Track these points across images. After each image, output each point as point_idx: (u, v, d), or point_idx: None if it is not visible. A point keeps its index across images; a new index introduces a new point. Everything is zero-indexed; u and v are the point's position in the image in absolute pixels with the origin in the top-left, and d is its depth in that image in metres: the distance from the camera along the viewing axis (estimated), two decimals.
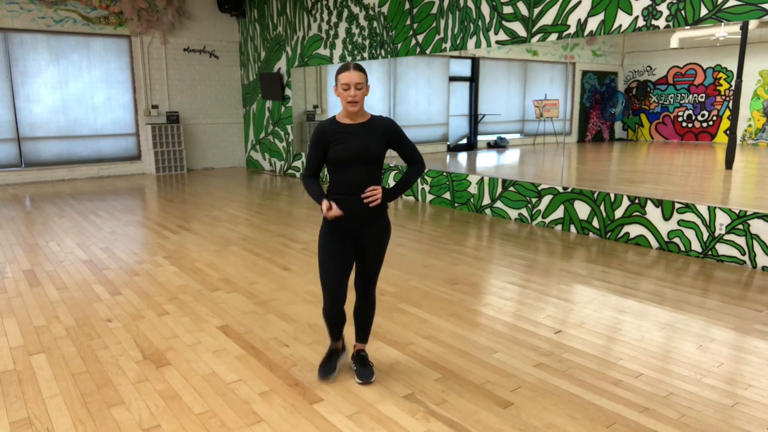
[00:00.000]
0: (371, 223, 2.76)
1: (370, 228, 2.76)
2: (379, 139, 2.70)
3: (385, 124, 2.75)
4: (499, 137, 8.73)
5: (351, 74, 2.60)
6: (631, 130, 7.19)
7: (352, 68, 2.61)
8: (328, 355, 3.00)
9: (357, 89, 2.61)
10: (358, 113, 2.69)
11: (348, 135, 2.67)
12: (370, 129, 2.71)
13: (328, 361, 2.98)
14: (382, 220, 2.79)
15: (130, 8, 10.43)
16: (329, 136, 2.67)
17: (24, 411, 2.67)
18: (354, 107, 2.63)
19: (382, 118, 2.77)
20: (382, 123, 2.75)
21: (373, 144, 2.67)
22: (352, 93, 2.60)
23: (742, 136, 5.78)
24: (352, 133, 2.68)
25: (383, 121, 2.76)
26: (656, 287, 4.39)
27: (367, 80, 2.66)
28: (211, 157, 12.09)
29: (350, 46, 9.02)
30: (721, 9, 4.82)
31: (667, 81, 6.66)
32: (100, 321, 3.76)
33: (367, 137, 2.68)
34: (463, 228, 6.46)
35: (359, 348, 3.01)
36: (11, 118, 9.83)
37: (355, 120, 2.71)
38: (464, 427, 2.52)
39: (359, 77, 2.62)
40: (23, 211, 7.52)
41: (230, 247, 5.62)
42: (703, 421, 2.58)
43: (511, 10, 6.52)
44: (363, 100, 2.66)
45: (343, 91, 2.62)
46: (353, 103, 2.62)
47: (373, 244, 2.78)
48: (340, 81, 2.62)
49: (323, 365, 2.96)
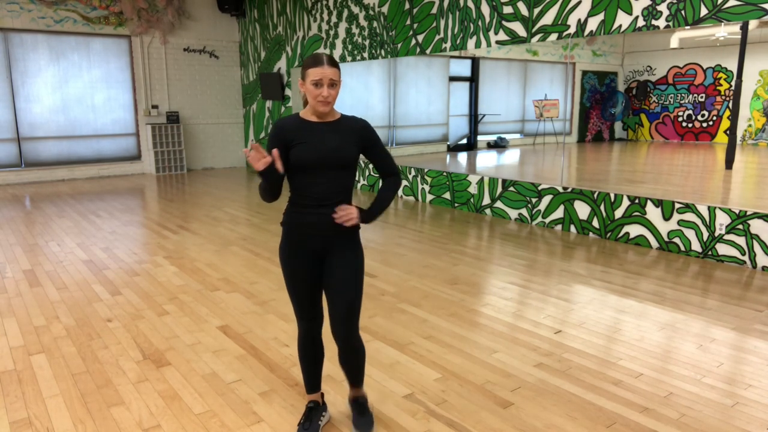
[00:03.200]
0: (340, 243, 2.29)
1: (339, 249, 2.29)
2: (351, 140, 2.26)
3: (359, 124, 2.31)
4: (499, 137, 8.73)
5: (324, 70, 2.14)
6: (631, 130, 7.19)
7: (325, 62, 2.15)
8: (307, 414, 2.47)
9: (330, 87, 2.17)
10: (328, 112, 2.25)
11: (313, 134, 2.22)
12: (341, 129, 2.26)
13: (308, 420, 2.45)
14: (353, 239, 2.32)
15: (130, 8, 10.43)
16: (291, 133, 2.21)
17: (24, 411, 2.67)
18: (326, 108, 2.20)
19: (355, 118, 2.34)
20: (355, 123, 2.31)
21: (344, 146, 2.23)
22: (324, 93, 2.16)
23: (742, 136, 5.78)
24: (318, 133, 2.22)
25: (357, 122, 2.32)
26: (656, 287, 4.39)
27: (340, 75, 2.21)
28: (211, 157, 12.09)
29: (350, 46, 9.02)
30: (721, 9, 4.82)
31: (667, 81, 6.66)
32: (100, 321, 3.76)
33: (336, 138, 2.23)
34: (463, 228, 6.46)
35: (356, 394, 2.54)
36: (11, 118, 9.83)
37: (323, 118, 2.26)
38: (464, 427, 2.52)
39: (333, 73, 2.16)
40: (23, 211, 7.52)
41: (230, 247, 5.62)
42: (703, 421, 2.58)
43: (511, 10, 6.52)
44: (335, 100, 2.22)
45: (313, 88, 2.16)
46: (325, 104, 2.18)
47: (344, 270, 2.28)
48: (310, 76, 2.16)
49: (303, 428, 2.43)
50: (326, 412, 2.56)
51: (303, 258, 2.29)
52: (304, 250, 2.29)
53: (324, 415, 2.53)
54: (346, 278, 2.29)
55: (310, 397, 2.53)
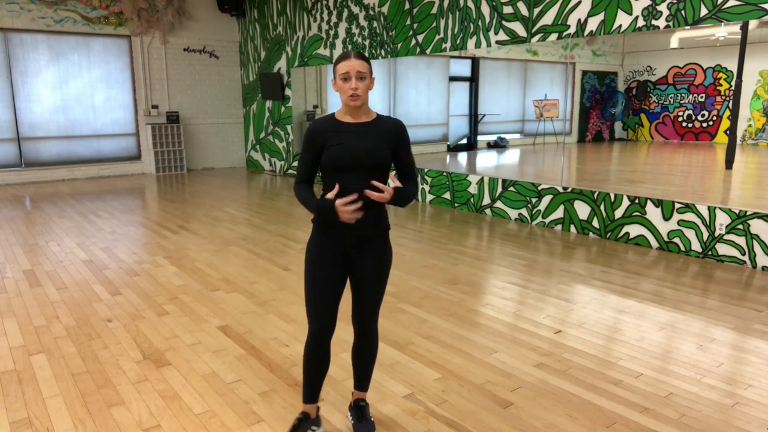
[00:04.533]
0: (370, 244, 2.29)
1: (369, 250, 2.29)
2: (385, 142, 2.24)
3: (393, 125, 2.29)
4: (499, 137, 8.73)
5: (352, 62, 2.14)
6: (631, 130, 7.19)
7: (353, 56, 2.17)
8: (296, 425, 2.38)
9: (359, 80, 2.16)
10: (362, 110, 2.23)
11: (348, 136, 2.21)
12: (376, 130, 2.25)
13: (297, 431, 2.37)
14: (383, 240, 2.33)
15: (130, 8, 10.43)
16: (325, 135, 2.22)
17: (24, 411, 2.67)
18: (356, 101, 2.17)
19: (391, 119, 2.30)
20: (390, 124, 2.28)
21: (378, 147, 2.22)
22: (353, 84, 2.14)
23: (742, 136, 5.78)
24: (353, 134, 2.21)
25: (392, 122, 2.29)
26: (656, 287, 4.39)
27: (371, 71, 2.21)
28: (211, 157, 12.09)
29: (350, 46, 9.02)
30: (721, 9, 4.82)
31: (667, 81, 6.66)
32: (100, 321, 3.76)
33: (371, 139, 2.22)
34: (463, 228, 6.46)
35: (358, 396, 2.53)
36: (11, 118, 9.83)
37: (358, 119, 2.24)
38: (464, 427, 2.52)
39: (361, 65, 2.15)
40: (23, 211, 7.52)
41: (230, 247, 5.62)
42: (703, 421, 2.58)
43: (511, 10, 6.52)
44: (367, 95, 2.20)
45: (343, 83, 2.16)
46: (355, 97, 2.16)
47: (371, 270, 2.30)
48: (339, 71, 2.16)
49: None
50: (319, 428, 2.43)
51: (330, 257, 2.28)
52: (332, 250, 2.27)
53: (314, 430, 2.41)
54: (376, 273, 2.32)
55: (304, 407, 2.42)
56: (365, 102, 2.23)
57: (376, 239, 2.31)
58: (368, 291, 2.33)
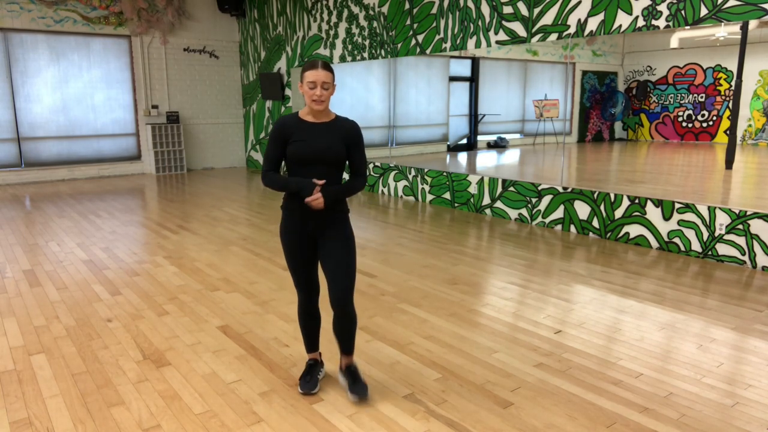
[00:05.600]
0: (330, 228, 2.65)
1: (330, 232, 2.65)
2: (340, 140, 2.60)
3: (348, 125, 2.66)
4: (499, 137, 8.73)
5: (318, 72, 2.50)
6: (631, 130, 7.19)
7: (320, 66, 2.52)
8: (308, 369, 2.89)
9: (323, 89, 2.52)
10: (323, 112, 2.60)
11: (309, 133, 2.57)
12: (334, 129, 2.61)
13: (308, 374, 2.86)
14: (341, 224, 2.68)
15: (130, 8, 10.43)
16: (290, 131, 2.58)
17: (24, 411, 2.67)
18: (319, 106, 2.54)
19: (347, 120, 2.68)
20: (345, 124, 2.65)
21: (335, 144, 2.58)
22: (318, 92, 2.51)
23: (742, 136, 5.78)
24: (314, 132, 2.58)
25: (348, 123, 2.67)
26: (656, 287, 4.39)
27: (334, 79, 2.57)
28: (211, 157, 12.09)
29: (350, 46, 9.02)
30: (721, 9, 4.82)
31: (667, 81, 6.66)
32: (100, 321, 3.76)
33: (329, 137, 2.58)
34: (463, 228, 6.46)
35: (347, 362, 2.84)
36: (11, 118, 9.84)
37: (319, 119, 2.61)
38: (464, 427, 2.52)
39: (327, 76, 2.52)
40: (23, 211, 7.52)
41: (230, 247, 5.62)
42: (703, 421, 2.58)
43: (511, 10, 6.52)
44: (329, 100, 2.57)
45: (309, 89, 2.52)
46: (319, 102, 2.53)
47: (335, 251, 2.63)
48: (307, 78, 2.51)
49: (304, 381, 2.83)
50: (323, 369, 2.96)
51: (299, 237, 2.66)
52: (300, 231, 2.66)
53: (321, 371, 2.93)
54: (341, 256, 2.64)
55: (310, 356, 2.93)
56: (327, 106, 2.59)
57: (336, 222, 2.66)
58: (336, 270, 2.63)
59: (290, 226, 2.66)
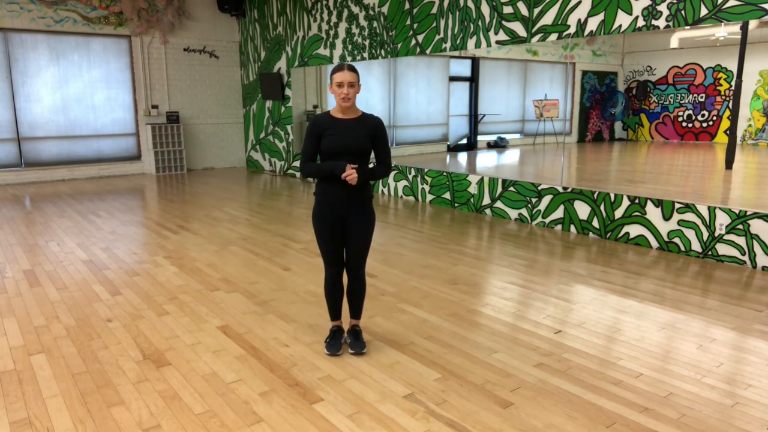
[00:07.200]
0: (357, 209, 3.08)
1: (357, 213, 3.08)
2: (366, 134, 3.01)
3: (374, 121, 3.07)
4: (499, 137, 8.73)
5: (344, 74, 2.91)
6: (631, 130, 7.20)
7: (345, 68, 2.93)
8: (332, 334, 3.28)
9: (350, 87, 2.92)
10: (350, 109, 3.02)
11: (339, 128, 2.99)
12: (360, 125, 3.02)
13: (333, 339, 3.25)
14: (367, 207, 3.13)
15: (130, 8, 10.43)
16: (323, 127, 3.00)
17: (24, 411, 2.67)
18: (347, 103, 2.95)
19: (372, 116, 3.09)
20: (371, 120, 3.07)
21: (362, 138, 2.99)
22: (345, 91, 2.92)
23: (742, 136, 5.78)
24: (343, 127, 2.99)
25: (372, 119, 3.08)
26: (656, 287, 4.39)
27: (359, 79, 2.96)
28: (211, 157, 12.09)
29: (350, 46, 9.02)
30: (721, 9, 4.82)
31: (667, 81, 6.66)
32: (100, 321, 3.76)
33: (356, 132, 3.00)
34: (463, 228, 6.46)
35: (354, 324, 3.33)
36: (11, 118, 9.83)
37: (347, 115, 3.03)
38: (464, 427, 2.52)
39: (352, 77, 2.93)
40: (23, 211, 7.52)
41: (230, 247, 5.62)
42: (703, 421, 2.58)
43: (511, 10, 6.52)
44: (355, 98, 2.98)
45: (337, 89, 2.93)
46: (346, 100, 2.94)
47: (360, 229, 3.09)
48: (335, 80, 2.93)
49: (329, 344, 3.23)
50: (345, 335, 3.34)
51: (330, 220, 3.07)
52: (331, 214, 3.07)
53: (344, 337, 3.32)
54: (363, 235, 3.13)
55: (333, 323, 3.33)
56: (353, 103, 3.01)
57: (363, 206, 3.10)
58: (358, 244, 3.13)
59: (324, 209, 3.07)
